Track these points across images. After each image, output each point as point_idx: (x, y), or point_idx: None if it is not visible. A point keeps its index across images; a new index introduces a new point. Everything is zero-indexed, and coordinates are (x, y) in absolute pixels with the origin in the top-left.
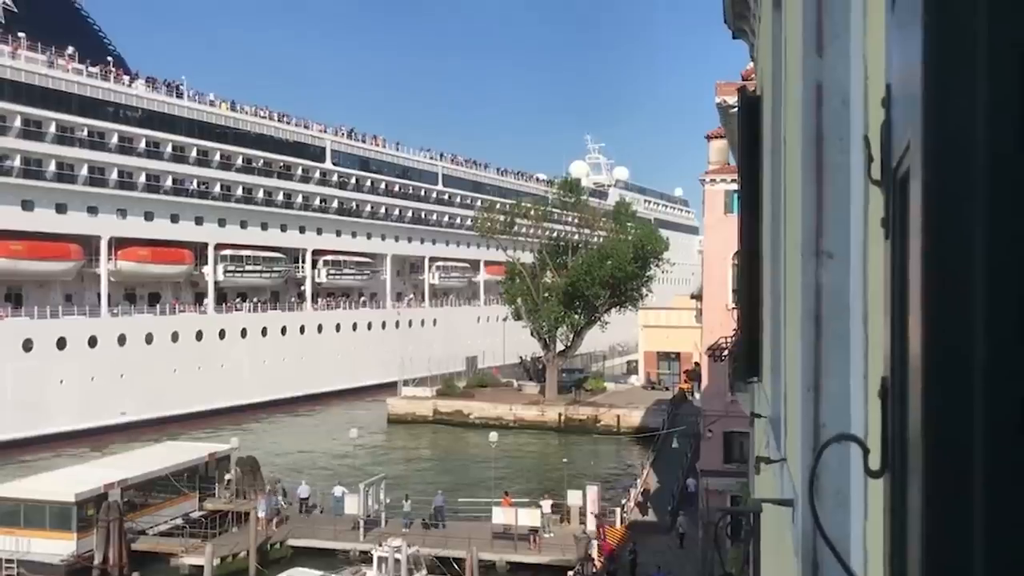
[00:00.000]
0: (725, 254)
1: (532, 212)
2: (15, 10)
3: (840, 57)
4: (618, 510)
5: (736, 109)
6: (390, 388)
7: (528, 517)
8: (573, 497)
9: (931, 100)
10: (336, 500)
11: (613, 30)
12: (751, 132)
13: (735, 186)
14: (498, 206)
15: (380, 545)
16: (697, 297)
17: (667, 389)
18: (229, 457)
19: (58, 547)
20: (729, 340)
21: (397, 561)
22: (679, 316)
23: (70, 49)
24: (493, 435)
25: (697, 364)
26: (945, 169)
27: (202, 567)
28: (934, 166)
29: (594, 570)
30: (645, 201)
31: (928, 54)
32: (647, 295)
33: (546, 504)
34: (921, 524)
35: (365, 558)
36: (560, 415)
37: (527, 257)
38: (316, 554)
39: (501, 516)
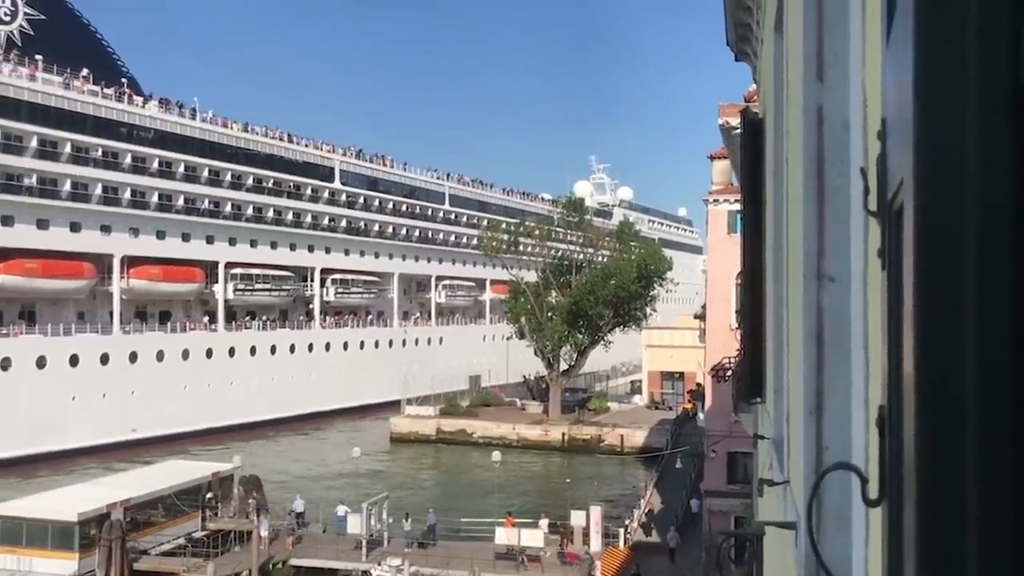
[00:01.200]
0: (728, 274)
1: (536, 231)
2: (31, 33)
3: (840, 81)
4: (622, 531)
5: (739, 130)
6: (396, 406)
7: (531, 538)
8: (576, 518)
9: (923, 138)
10: (338, 519)
11: (618, 51)
12: (754, 153)
13: (738, 207)
14: (504, 225)
15: (379, 564)
16: (700, 317)
17: (671, 409)
18: (232, 476)
19: (60, 566)
20: (733, 360)
21: None
22: (683, 336)
23: (84, 71)
24: (496, 454)
25: (699, 384)
26: (937, 206)
27: None
28: (926, 202)
29: None
30: (649, 221)
31: (920, 90)
32: (651, 314)
33: (543, 524)
34: (916, 557)
35: None
36: (563, 435)
37: (531, 276)
38: (318, 574)
39: (504, 537)
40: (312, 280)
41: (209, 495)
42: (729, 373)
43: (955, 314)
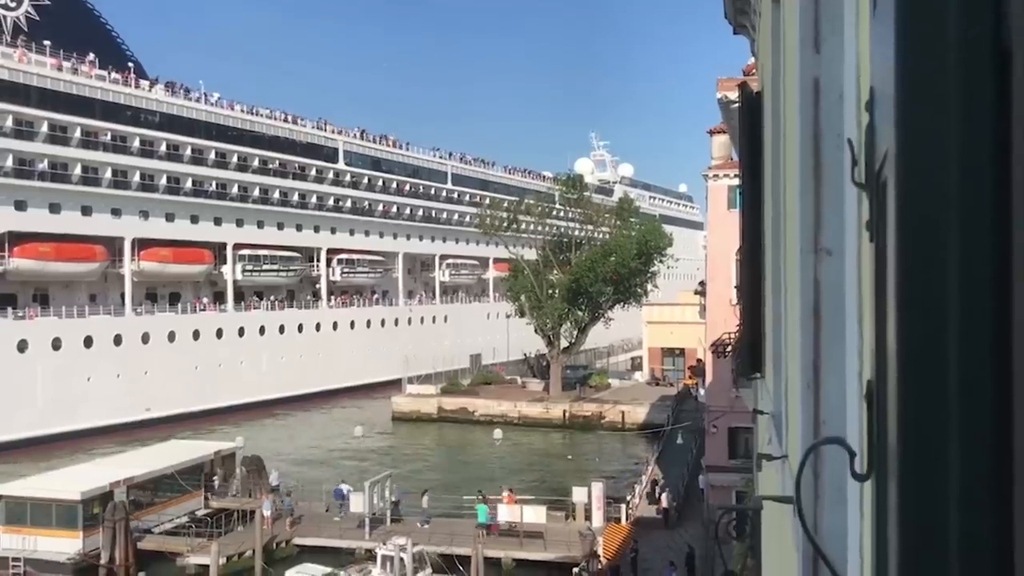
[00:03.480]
0: (728, 250)
1: (535, 209)
2: (37, 18)
3: (836, 53)
4: (623, 506)
5: (737, 104)
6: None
7: (534, 514)
8: (578, 494)
9: (905, 107)
10: (342, 498)
11: (617, 26)
12: (752, 127)
13: (738, 181)
14: (506, 204)
15: (384, 544)
16: (701, 293)
17: (671, 385)
18: (234, 455)
19: (64, 545)
20: (733, 336)
21: (402, 560)
22: (683, 312)
23: (91, 56)
24: (498, 432)
25: (700, 360)
26: (919, 179)
27: (208, 566)
28: (908, 173)
29: (599, 567)
30: (650, 197)
31: (902, 58)
32: (652, 290)
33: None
34: (898, 532)
35: (371, 556)
36: (565, 412)
37: (532, 254)
38: (321, 552)
39: (506, 513)
40: (318, 260)
41: (228, 478)
42: (729, 349)
43: (937, 288)
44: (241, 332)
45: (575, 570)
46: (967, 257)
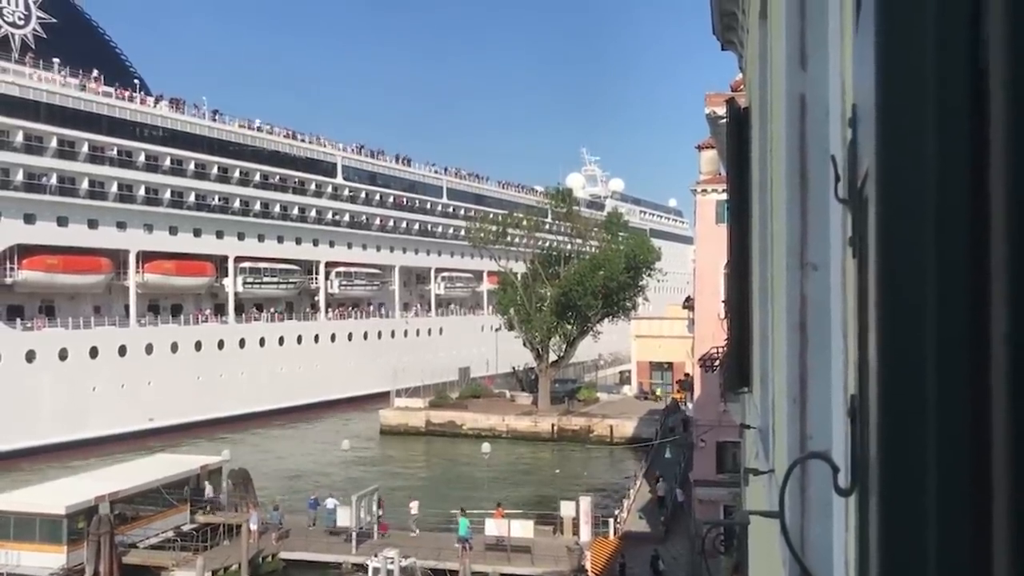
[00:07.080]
0: (716, 264)
1: (524, 222)
2: (44, 36)
3: (822, 70)
4: (611, 520)
5: (725, 120)
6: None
7: (522, 528)
8: (566, 508)
9: (885, 125)
10: (328, 512)
11: (608, 43)
12: (739, 142)
13: (726, 196)
14: (500, 218)
15: (375, 556)
16: (689, 307)
17: (660, 399)
18: (221, 469)
19: (48, 560)
20: (721, 350)
21: (391, 572)
22: (671, 326)
23: (95, 72)
24: (486, 446)
25: (688, 374)
26: (898, 195)
27: None
28: (888, 192)
29: None
30: (640, 212)
31: (881, 79)
32: (642, 304)
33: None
34: (878, 548)
35: (359, 569)
36: (553, 425)
37: (522, 268)
38: (308, 567)
39: (494, 528)
40: (317, 273)
41: (209, 490)
42: (717, 363)
43: (916, 304)
44: (242, 343)
45: None
46: (946, 273)
